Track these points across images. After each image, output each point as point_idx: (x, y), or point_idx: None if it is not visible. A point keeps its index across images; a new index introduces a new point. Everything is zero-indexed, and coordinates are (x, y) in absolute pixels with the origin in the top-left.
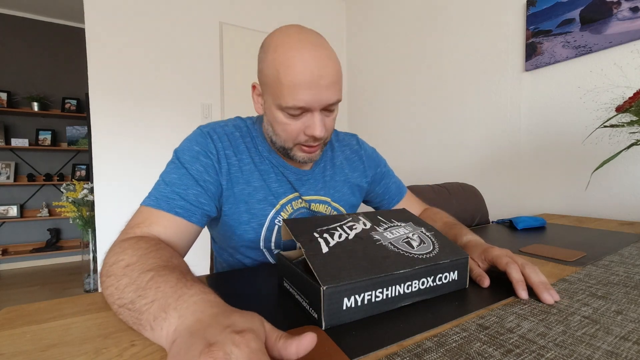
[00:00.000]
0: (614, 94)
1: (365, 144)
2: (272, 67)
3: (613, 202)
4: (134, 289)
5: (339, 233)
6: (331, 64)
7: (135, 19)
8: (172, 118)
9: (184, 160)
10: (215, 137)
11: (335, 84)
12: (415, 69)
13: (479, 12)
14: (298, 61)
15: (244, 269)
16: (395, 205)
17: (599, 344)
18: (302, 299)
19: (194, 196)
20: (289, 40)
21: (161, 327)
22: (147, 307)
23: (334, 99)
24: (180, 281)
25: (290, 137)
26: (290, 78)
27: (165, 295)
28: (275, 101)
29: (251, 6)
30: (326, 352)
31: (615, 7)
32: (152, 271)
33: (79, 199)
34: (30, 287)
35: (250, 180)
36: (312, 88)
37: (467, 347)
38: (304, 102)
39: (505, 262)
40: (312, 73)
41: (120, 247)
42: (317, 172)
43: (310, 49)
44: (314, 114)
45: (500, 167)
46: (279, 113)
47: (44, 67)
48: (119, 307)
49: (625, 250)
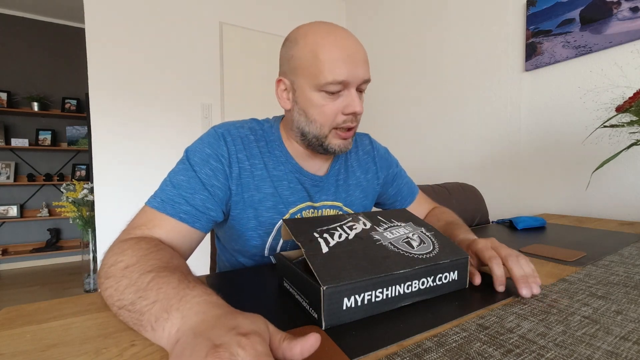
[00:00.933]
0: (614, 94)
1: (377, 143)
2: (308, 49)
3: (613, 202)
4: (134, 290)
5: (339, 233)
6: (360, 45)
7: (135, 19)
8: (172, 118)
9: (193, 162)
10: (229, 140)
11: (366, 61)
12: (415, 69)
13: (479, 12)
14: (334, 39)
15: (244, 269)
16: (407, 207)
17: (599, 344)
18: (302, 299)
19: (200, 201)
20: (319, 27)
21: (163, 327)
22: (148, 308)
23: (368, 76)
24: (182, 282)
25: (328, 120)
26: (329, 54)
27: (167, 297)
28: (313, 81)
29: (251, 6)
30: (326, 352)
31: (615, 7)
32: (153, 272)
33: (79, 199)
34: (30, 287)
35: (260, 186)
36: (350, 62)
37: (467, 347)
38: (344, 76)
39: (488, 257)
40: (349, 48)
41: (120, 247)
42: (331, 176)
43: (341, 30)
44: (350, 91)
45: (500, 167)
46: (316, 94)
47: (44, 67)
48: (118, 308)
49: (625, 250)
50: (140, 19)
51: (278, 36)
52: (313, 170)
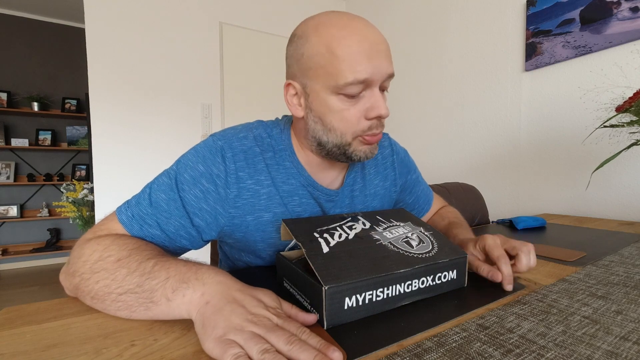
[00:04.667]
0: (614, 94)
1: (397, 145)
2: (321, 46)
3: (613, 202)
4: (138, 274)
5: (339, 233)
6: (381, 34)
7: (135, 18)
8: (172, 118)
9: (182, 181)
10: (228, 155)
11: (389, 53)
12: (415, 69)
13: (479, 12)
14: (352, 31)
15: (244, 269)
16: (424, 215)
17: (599, 344)
18: (303, 299)
19: (174, 228)
20: (332, 17)
21: (183, 294)
22: (161, 284)
23: (392, 70)
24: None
25: (350, 127)
26: (348, 49)
27: (181, 272)
28: (329, 83)
29: (251, 6)
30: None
31: (615, 7)
32: (154, 259)
33: (79, 199)
34: (30, 287)
35: (270, 206)
36: (373, 57)
37: (467, 347)
38: (367, 74)
39: (497, 255)
40: (370, 40)
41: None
42: (346, 187)
43: (359, 20)
44: (373, 91)
45: (500, 167)
46: (334, 99)
47: (44, 67)
48: (118, 294)
49: (625, 250)
50: (140, 19)
51: (278, 36)
52: (327, 181)
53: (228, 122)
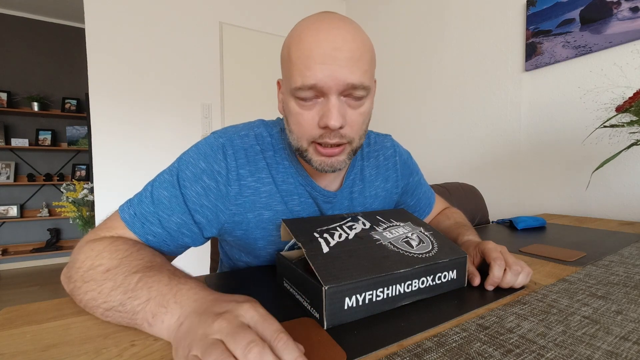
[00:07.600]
0: (614, 94)
1: (399, 147)
2: (285, 48)
3: (613, 202)
4: (121, 292)
5: (339, 233)
6: (352, 40)
7: (135, 19)
8: (172, 118)
9: (183, 177)
10: (229, 153)
11: (357, 61)
12: (415, 69)
13: (479, 12)
14: (310, 34)
15: (244, 269)
16: (426, 217)
17: (599, 344)
18: (303, 299)
19: (176, 225)
20: (309, 19)
21: (162, 320)
22: (142, 306)
23: (355, 80)
24: (172, 279)
25: (304, 132)
26: (299, 53)
27: (162, 293)
28: (288, 86)
29: (251, 6)
30: (327, 352)
31: (615, 7)
32: (139, 273)
33: (79, 199)
34: (30, 287)
35: (270, 204)
36: (326, 62)
37: (467, 347)
38: (315, 79)
39: (494, 257)
40: (325, 45)
41: (93, 249)
42: (345, 189)
43: (329, 22)
44: (329, 99)
45: (500, 167)
46: (292, 102)
47: (44, 67)
48: (105, 310)
49: (625, 250)
50: (140, 19)
51: (278, 36)
52: (326, 182)
53: (228, 121)
